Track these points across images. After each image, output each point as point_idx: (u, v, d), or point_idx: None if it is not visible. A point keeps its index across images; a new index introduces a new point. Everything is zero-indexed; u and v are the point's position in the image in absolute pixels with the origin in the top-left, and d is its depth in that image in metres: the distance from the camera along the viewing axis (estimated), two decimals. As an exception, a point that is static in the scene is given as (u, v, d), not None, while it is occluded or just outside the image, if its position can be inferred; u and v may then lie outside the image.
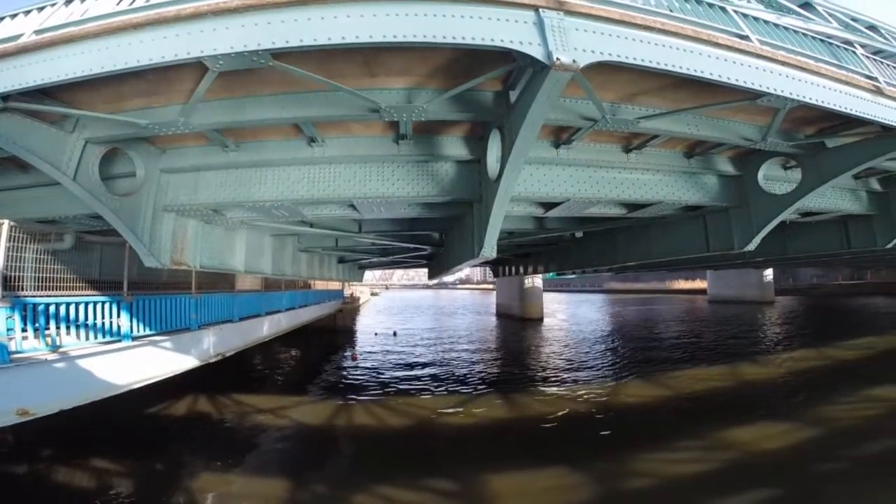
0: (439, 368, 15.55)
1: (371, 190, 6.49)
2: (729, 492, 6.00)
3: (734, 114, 6.20)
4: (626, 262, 13.51)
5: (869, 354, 15.17)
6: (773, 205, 7.53)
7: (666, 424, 8.87)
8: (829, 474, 6.40)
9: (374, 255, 17.21)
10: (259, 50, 3.64)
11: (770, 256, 16.93)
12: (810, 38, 6.05)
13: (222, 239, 8.51)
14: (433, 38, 3.67)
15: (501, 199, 5.72)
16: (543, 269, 23.43)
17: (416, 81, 4.98)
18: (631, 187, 7.46)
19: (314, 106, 5.02)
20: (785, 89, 4.87)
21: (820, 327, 23.48)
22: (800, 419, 8.67)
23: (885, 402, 9.46)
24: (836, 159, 6.68)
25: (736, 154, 7.63)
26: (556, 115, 5.49)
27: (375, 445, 8.93)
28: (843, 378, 12.05)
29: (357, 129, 6.05)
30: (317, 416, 10.69)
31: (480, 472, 7.14)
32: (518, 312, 31.75)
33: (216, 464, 8.14)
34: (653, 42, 4.22)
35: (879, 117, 5.53)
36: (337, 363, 17.56)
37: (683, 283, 60.22)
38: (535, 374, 14.40)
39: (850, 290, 45.21)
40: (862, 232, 10.82)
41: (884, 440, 7.46)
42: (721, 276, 42.82)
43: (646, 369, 14.23)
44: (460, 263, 8.77)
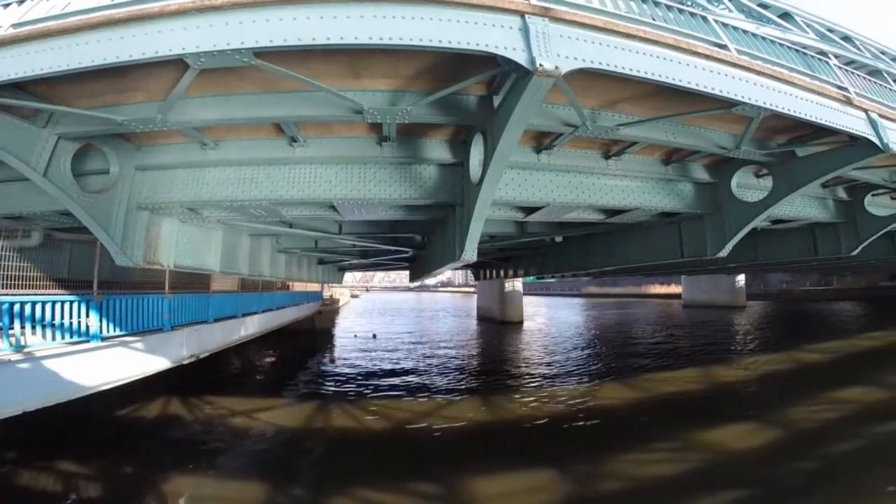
0: (420, 371, 15.50)
1: (352, 191, 6.46)
2: (701, 492, 6.14)
3: (710, 122, 6.38)
4: (604, 266, 13.74)
5: (834, 357, 15.75)
6: (745, 212, 7.76)
7: (641, 426, 9.04)
8: (795, 475, 6.60)
9: (354, 256, 17.09)
10: (242, 48, 3.60)
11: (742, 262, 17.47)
12: (786, 49, 6.23)
13: (198, 238, 8.33)
14: (419, 41, 3.69)
15: (483, 202, 5.76)
16: (524, 272, 23.64)
17: (400, 84, 4.99)
18: (609, 193, 7.61)
19: (296, 106, 4.97)
20: (759, 98, 5.04)
21: (788, 331, 24.29)
22: (768, 420, 8.93)
23: (849, 403, 9.84)
24: (805, 168, 6.93)
25: (711, 162, 7.85)
26: (538, 121, 5.56)
27: (355, 448, 8.84)
28: (809, 380, 12.49)
29: (340, 130, 6.01)
30: (294, 418, 10.53)
31: (462, 475, 7.14)
32: (498, 316, 31.93)
33: (189, 466, 7.94)
34: (634, 50, 4.33)
35: (848, 127, 5.75)
36: (315, 365, 17.34)
37: (659, 287, 61.56)
38: (515, 376, 14.49)
39: (818, 296, 46.92)
40: (828, 239, 11.27)
41: (847, 442, 7.74)
42: (695, 281, 43.93)
43: (622, 372, 14.48)
44: (441, 266, 8.79)
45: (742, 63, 5.02)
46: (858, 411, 9.38)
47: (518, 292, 32.30)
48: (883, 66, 15.66)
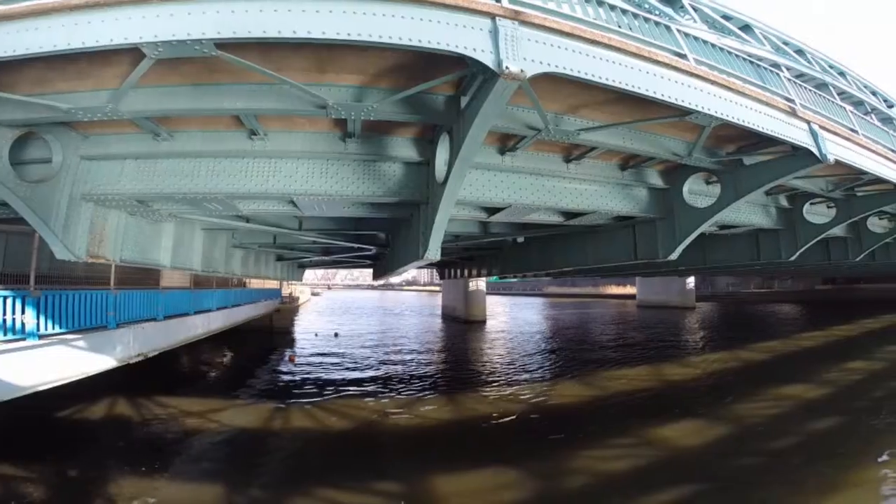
0: (383, 370, 15.38)
1: (314, 187, 6.33)
2: (655, 487, 6.38)
3: (665, 129, 6.65)
4: (564, 267, 14.10)
5: (775, 356, 16.81)
6: (695, 217, 8.15)
7: (599, 422, 9.32)
8: (742, 470, 6.97)
9: (315, 253, 16.75)
10: (203, 39, 3.46)
11: (691, 265, 18.35)
12: (742, 60, 6.53)
13: (147, 232, 7.94)
14: (388, 39, 3.64)
15: (447, 201, 5.79)
16: (487, 272, 23.92)
17: (367, 80, 4.93)
18: (569, 196, 7.81)
19: (258, 98, 4.83)
20: (712, 108, 5.28)
21: (734, 331, 25.73)
22: (715, 417, 9.41)
23: (787, 400, 10.51)
24: (751, 176, 7.34)
25: (665, 168, 8.20)
26: (503, 123, 5.64)
27: (316, 448, 8.68)
28: (753, 378, 13.25)
29: (303, 125, 5.88)
30: (252, 419, 10.22)
31: (426, 473, 7.14)
32: (463, 314, 32.15)
33: (140, 469, 7.56)
34: (598, 57, 4.44)
35: (791, 138, 6.12)
36: (273, 365, 16.88)
37: (616, 288, 63.73)
38: (478, 375, 14.62)
39: (761, 298, 49.92)
40: (770, 245, 12.03)
41: (786, 437, 8.24)
42: (649, 283, 45.77)
43: (580, 370, 14.89)
44: (405, 265, 8.76)
45: (699, 73, 5.23)
46: (798, 407, 10.01)
47: (482, 291, 32.64)
48: (829, 80, 16.83)
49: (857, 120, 8.08)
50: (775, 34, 15.49)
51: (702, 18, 12.74)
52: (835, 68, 18.57)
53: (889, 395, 10.60)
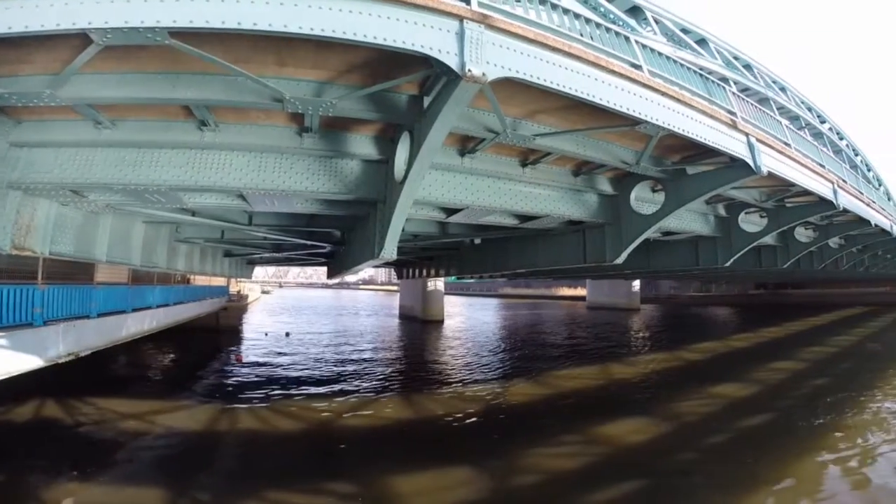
0: (337, 371, 15.08)
1: (266, 181, 6.14)
2: (602, 483, 6.64)
3: (616, 138, 6.94)
4: (518, 268, 14.41)
5: (711, 356, 17.92)
6: (640, 223, 8.55)
7: (551, 421, 9.56)
8: (680, 465, 7.37)
9: (266, 250, 16.20)
10: (157, 27, 3.28)
11: (637, 269, 19.27)
12: (693, 73, 6.90)
13: (81, 224, 7.40)
14: (353, 36, 3.59)
15: (405, 201, 5.77)
16: (445, 272, 24.03)
17: (329, 75, 4.84)
18: (524, 199, 8.00)
19: (211, 89, 4.63)
20: (660, 118, 5.56)
21: (675, 332, 27.24)
22: (657, 414, 9.91)
23: (721, 398, 11.22)
24: (693, 185, 7.79)
25: (615, 175, 8.57)
26: (464, 125, 5.70)
27: (266, 450, 8.39)
28: (691, 377, 14.07)
29: (257, 117, 5.70)
30: (195, 421, 9.74)
31: (381, 473, 7.08)
32: (420, 314, 32.11)
33: (73, 474, 7.03)
34: (558, 64, 4.57)
35: (730, 149, 6.53)
36: (219, 365, 16.16)
37: (567, 290, 65.82)
38: (435, 375, 14.64)
39: (700, 301, 53.15)
40: (708, 251, 12.84)
41: (720, 434, 8.78)
42: (598, 285, 47.68)
43: (533, 369, 15.24)
44: (361, 263, 8.64)
45: (651, 84, 5.49)
46: (731, 405, 10.69)
47: (440, 291, 32.74)
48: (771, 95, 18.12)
49: (791, 134, 8.75)
50: (727, 49, 16.52)
51: (662, 31, 13.42)
52: (777, 83, 20.05)
53: (810, 393, 11.54)
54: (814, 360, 16.19)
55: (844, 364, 15.29)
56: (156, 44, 3.49)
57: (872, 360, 15.65)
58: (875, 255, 25.09)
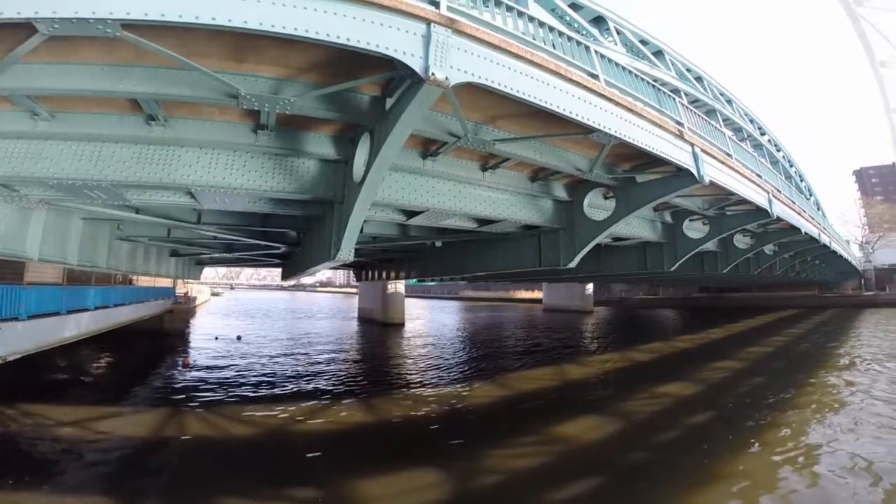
0: (293, 375, 14.62)
1: (216, 178, 5.92)
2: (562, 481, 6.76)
3: (571, 145, 7.18)
4: (477, 271, 14.59)
5: (657, 357, 18.74)
6: (593, 228, 8.87)
7: (511, 422, 9.67)
8: (633, 462, 7.60)
9: (216, 249, 15.56)
10: (109, 19, 3.10)
11: (589, 273, 19.93)
12: (647, 83, 7.20)
13: (10, 219, 6.87)
14: (315, 34, 3.54)
15: (363, 202, 5.72)
16: (405, 275, 23.89)
17: (288, 73, 4.74)
18: (484, 203, 8.12)
19: (162, 83, 4.44)
20: (613, 127, 5.78)
21: (625, 334, 28.34)
22: (610, 413, 10.22)
23: (669, 396, 11.72)
24: (641, 193, 8.17)
25: (569, 182, 8.84)
26: (427, 128, 5.72)
27: (219, 456, 8.01)
28: (640, 377, 14.62)
29: (211, 113, 5.49)
30: (140, 427, 9.17)
31: (343, 477, 6.90)
32: (380, 317, 31.71)
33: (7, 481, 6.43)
34: (520, 71, 4.66)
35: (676, 159, 6.89)
36: (164, 370, 15.29)
37: (525, 293, 67.21)
38: (396, 378, 14.49)
39: (648, 304, 55.64)
40: (655, 256, 13.48)
41: (669, 431, 9.13)
42: (554, 288, 49.02)
43: (494, 371, 15.39)
44: (317, 265, 8.46)
45: (606, 93, 5.70)
46: (677, 403, 11.16)
47: (400, 294, 32.48)
48: (718, 107, 19.22)
49: (733, 145, 9.32)
50: (681, 61, 17.42)
51: (623, 41, 13.98)
52: (724, 96, 21.34)
53: (749, 391, 12.25)
54: (752, 359, 17.22)
55: (779, 363, 16.37)
56: (106, 35, 3.29)
57: (804, 359, 16.84)
58: (804, 261, 27.26)
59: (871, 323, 28.99)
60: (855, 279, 48.94)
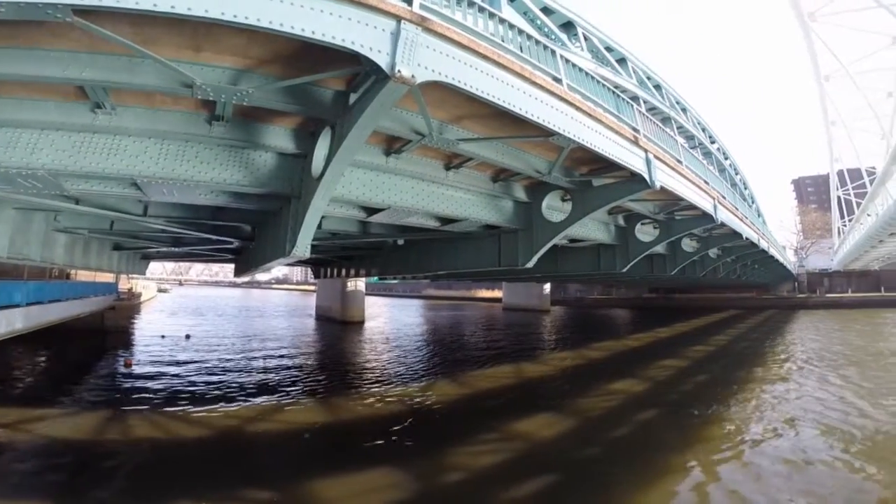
0: (246, 374, 14.11)
1: (165, 170, 5.66)
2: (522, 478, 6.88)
3: (532, 148, 7.33)
4: (439, 270, 14.64)
5: (610, 354, 19.44)
6: (550, 230, 9.10)
7: (472, 420, 9.74)
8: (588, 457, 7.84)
9: (163, 243, 14.80)
10: (60, 4, 2.92)
11: (547, 273, 20.43)
12: (608, 90, 7.43)
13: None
14: (279, 26, 3.44)
15: (321, 197, 5.62)
16: (366, 272, 23.61)
17: (248, 64, 4.59)
18: (446, 202, 8.15)
19: (113, 70, 4.21)
20: (572, 131, 5.94)
21: (580, 332, 29.21)
22: (565, 411, 10.49)
23: (620, 393, 12.17)
24: (597, 196, 8.45)
25: (529, 183, 9.03)
26: (391, 125, 5.68)
27: (167, 458, 7.61)
28: (594, 374, 15.13)
29: (163, 102, 5.25)
30: (80, 428, 8.61)
31: (301, 478, 6.73)
32: (339, 315, 31.14)
33: None
34: (486, 72, 4.70)
35: (631, 164, 7.16)
36: (105, 370, 14.40)
37: (486, 292, 68.06)
38: (355, 378, 14.26)
39: (602, 303, 57.68)
40: (608, 258, 13.99)
41: (621, 427, 9.48)
42: (513, 288, 49.94)
43: (455, 370, 15.46)
44: (272, 261, 8.22)
45: (568, 97, 5.85)
46: (628, 400, 11.61)
47: (360, 292, 32.01)
48: (674, 115, 20.08)
49: (685, 153, 9.79)
50: (643, 69, 18.08)
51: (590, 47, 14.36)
52: (680, 104, 22.35)
53: (694, 388, 12.93)
54: (696, 358, 18.14)
55: (722, 361, 17.35)
56: (56, 20, 3.10)
57: (744, 358, 17.92)
58: (745, 265, 29.10)
59: (804, 324, 31.25)
60: (790, 282, 52.73)
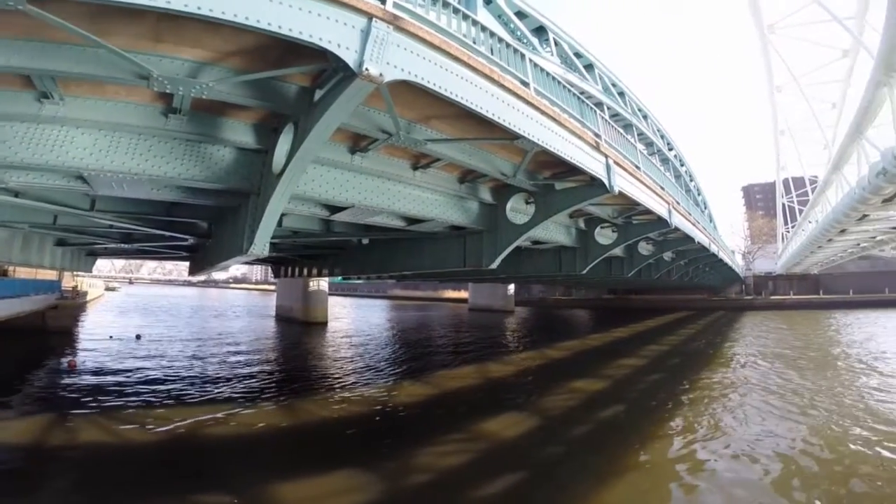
0: (203, 377, 13.55)
1: (114, 163, 5.40)
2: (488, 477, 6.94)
3: (499, 150, 7.43)
4: (405, 270, 14.60)
5: (570, 354, 19.91)
6: (514, 232, 9.26)
7: (437, 420, 9.74)
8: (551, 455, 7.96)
9: (112, 239, 14.04)
10: None
11: (510, 274, 20.77)
12: (573, 95, 7.61)
13: None
14: (245, 20, 3.34)
15: (281, 194, 5.51)
16: (329, 272, 23.18)
17: (209, 56, 4.44)
18: (413, 202, 8.15)
19: (63, 59, 3.99)
20: (536, 135, 6.05)
21: (542, 333, 29.81)
22: (528, 410, 10.66)
23: (580, 392, 12.47)
24: (559, 200, 8.67)
25: (495, 185, 9.16)
26: (357, 123, 5.63)
27: (118, 462, 7.20)
28: (556, 373, 15.45)
29: (117, 93, 5.02)
30: (20, 433, 8.04)
31: (261, 482, 6.52)
32: (301, 316, 30.41)
33: None
34: (456, 73, 4.73)
35: (592, 169, 7.38)
36: (46, 373, 13.50)
37: (452, 292, 68.35)
38: (318, 379, 13.97)
39: (564, 304, 59.16)
40: (569, 260, 14.38)
41: (582, 425, 9.72)
42: (479, 289, 50.46)
43: (421, 370, 15.42)
44: (228, 259, 7.96)
45: (534, 102, 5.96)
46: (588, 398, 11.89)
47: (323, 292, 31.39)
48: (635, 122, 20.77)
49: (643, 159, 10.18)
50: (609, 76, 18.60)
51: (560, 52, 14.65)
52: (642, 111, 23.18)
53: (650, 386, 13.43)
54: (652, 357, 18.85)
55: (675, 360, 18.10)
56: (8, 8, 2.94)
57: (696, 356, 18.76)
58: (697, 268, 30.56)
59: (751, 324, 33.06)
60: (738, 285, 55.75)
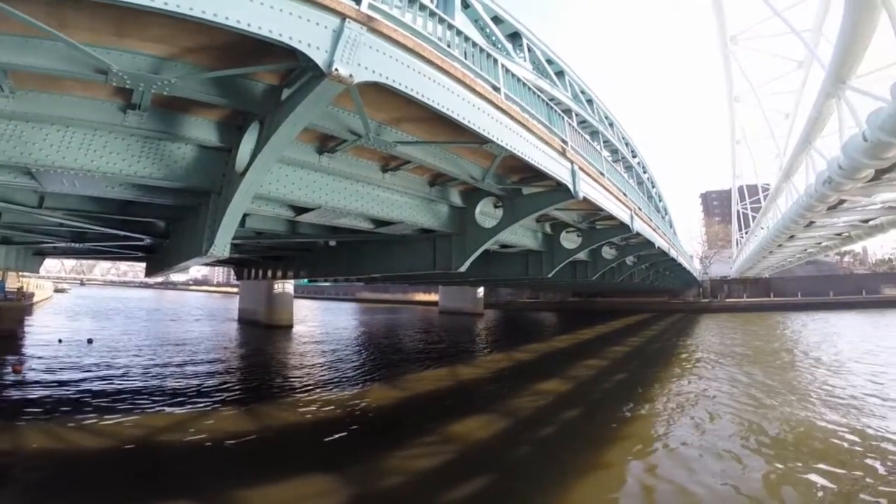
0: (159, 382, 12.99)
1: (66, 159, 5.17)
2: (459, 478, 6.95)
3: (469, 154, 7.52)
4: (373, 273, 14.49)
5: (537, 356, 20.24)
6: (482, 235, 9.38)
7: (408, 423, 9.69)
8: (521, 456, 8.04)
9: (62, 238, 13.31)
10: None
11: (479, 278, 20.93)
12: (542, 101, 7.75)
13: None
14: (213, 16, 3.27)
15: (244, 194, 5.40)
16: (294, 274, 22.71)
17: (173, 52, 4.31)
18: (381, 205, 8.12)
19: (14, 51, 3.82)
20: (505, 139, 6.15)
21: (511, 335, 30.15)
22: (497, 411, 10.75)
23: (548, 393, 12.70)
24: (526, 204, 8.84)
25: (464, 189, 9.25)
26: (325, 123, 5.57)
27: (70, 471, 6.80)
28: (523, 375, 15.64)
29: (72, 87, 4.80)
30: None
31: (224, 489, 6.29)
32: (265, 319, 29.60)
33: None
34: (428, 76, 4.74)
35: (558, 175, 7.55)
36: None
37: (422, 295, 68.14)
38: (284, 383, 13.61)
39: (531, 306, 60.12)
40: (535, 263, 14.67)
41: (550, 426, 9.88)
42: (449, 292, 50.63)
43: (389, 373, 15.30)
44: (187, 260, 7.71)
45: (504, 107, 6.05)
46: (555, 399, 12.11)
47: (288, 294, 30.67)
48: (602, 129, 21.31)
49: (608, 166, 10.50)
50: (579, 83, 19.02)
51: (532, 58, 14.88)
52: (608, 118, 23.84)
53: (614, 387, 13.83)
54: (615, 358, 19.37)
55: (638, 360, 18.66)
56: None
57: (657, 357, 19.39)
58: (658, 272, 31.71)
59: (708, 326, 34.49)
60: (696, 288, 58.14)
